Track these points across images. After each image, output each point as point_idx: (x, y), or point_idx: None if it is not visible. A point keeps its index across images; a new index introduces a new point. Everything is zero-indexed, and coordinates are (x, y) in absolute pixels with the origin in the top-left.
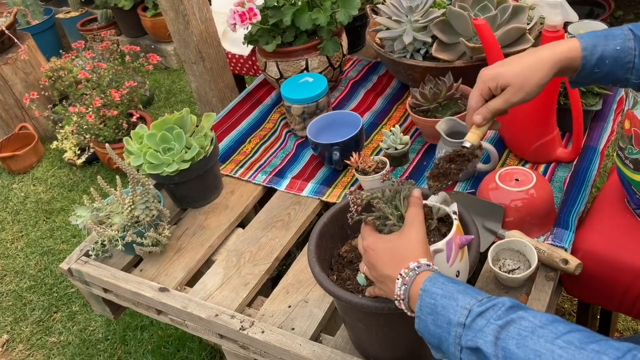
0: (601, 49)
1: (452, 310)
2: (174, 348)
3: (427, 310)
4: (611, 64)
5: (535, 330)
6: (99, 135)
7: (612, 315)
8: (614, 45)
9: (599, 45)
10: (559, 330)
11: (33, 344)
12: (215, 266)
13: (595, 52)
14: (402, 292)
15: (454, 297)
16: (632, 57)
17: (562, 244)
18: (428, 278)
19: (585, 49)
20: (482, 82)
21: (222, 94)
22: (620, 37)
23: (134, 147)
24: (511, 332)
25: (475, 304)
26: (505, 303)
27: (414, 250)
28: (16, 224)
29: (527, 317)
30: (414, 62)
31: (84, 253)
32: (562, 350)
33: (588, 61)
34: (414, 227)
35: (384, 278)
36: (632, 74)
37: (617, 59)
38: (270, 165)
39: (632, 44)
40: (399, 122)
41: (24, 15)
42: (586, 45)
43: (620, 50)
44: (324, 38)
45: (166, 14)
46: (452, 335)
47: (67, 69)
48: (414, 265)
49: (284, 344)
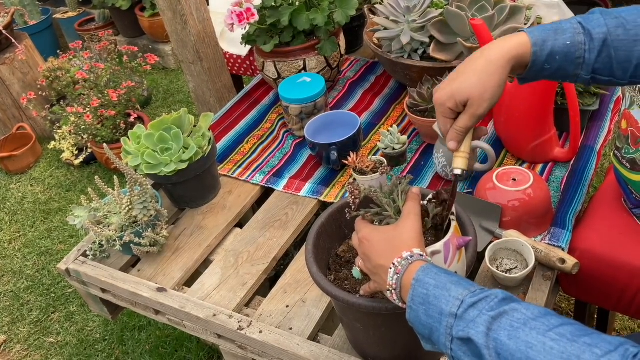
0: (551, 44)
1: (444, 300)
2: (171, 348)
3: (419, 300)
4: (561, 60)
5: (527, 322)
6: (96, 135)
7: (610, 315)
8: (564, 40)
9: (549, 40)
10: (552, 323)
11: (31, 345)
12: (213, 266)
13: (546, 48)
14: (395, 281)
15: (446, 288)
16: (582, 52)
17: (559, 243)
18: (421, 268)
19: (535, 45)
20: (440, 106)
21: (219, 94)
22: (570, 31)
23: (132, 147)
24: (503, 324)
25: (467, 295)
26: (498, 295)
27: (408, 241)
28: (14, 224)
29: (520, 309)
30: (412, 62)
31: (82, 253)
32: (553, 343)
33: (538, 57)
34: (409, 218)
35: (378, 268)
36: (583, 69)
37: (567, 55)
38: (268, 165)
39: (581, 38)
40: (396, 122)
41: (21, 15)
42: (536, 40)
43: (571, 45)
44: (321, 38)
45: (164, 14)
46: (444, 326)
47: (64, 69)
48: (407, 254)
49: (282, 343)
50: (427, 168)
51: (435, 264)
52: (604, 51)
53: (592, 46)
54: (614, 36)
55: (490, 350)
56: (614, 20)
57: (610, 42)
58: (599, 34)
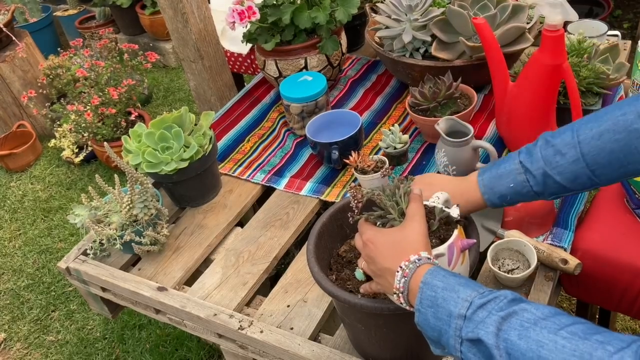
0: (498, 189)
1: (452, 302)
2: (172, 347)
3: (427, 302)
4: (513, 197)
5: (537, 322)
6: (97, 133)
7: (611, 315)
8: (507, 184)
9: (496, 186)
10: (562, 322)
11: (31, 343)
12: (214, 265)
13: (495, 193)
14: (402, 285)
15: (454, 290)
16: (529, 188)
17: (561, 243)
18: (429, 271)
19: (485, 193)
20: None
21: (220, 92)
22: (512, 173)
23: (133, 146)
24: (513, 324)
25: (476, 296)
26: (507, 296)
27: (414, 243)
28: (14, 222)
29: (530, 309)
30: (413, 61)
31: (82, 252)
32: (565, 341)
33: (491, 198)
34: (415, 220)
35: (383, 271)
36: (539, 195)
37: (516, 192)
38: (269, 164)
39: (523, 177)
40: (398, 121)
41: (22, 13)
42: (484, 188)
43: (514, 186)
44: (323, 37)
45: (165, 12)
46: (453, 328)
47: (65, 67)
48: (414, 258)
49: (283, 343)
50: (429, 167)
51: (443, 267)
52: (548, 180)
53: (536, 181)
54: (553, 164)
55: (500, 350)
56: (551, 149)
57: (549, 171)
58: (538, 169)
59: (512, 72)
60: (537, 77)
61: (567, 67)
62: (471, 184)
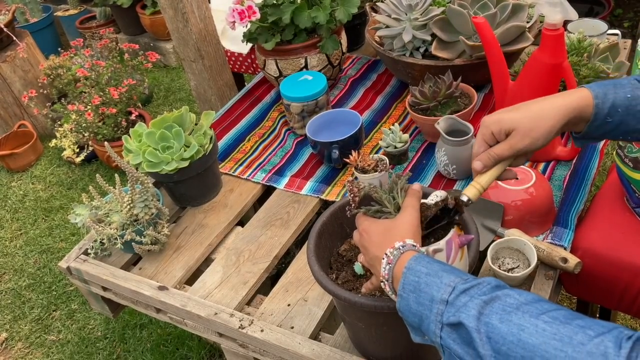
0: (612, 97)
1: (435, 287)
2: (173, 346)
3: (409, 287)
4: (623, 113)
5: (520, 307)
6: (97, 133)
7: (612, 314)
8: (624, 94)
9: (609, 94)
10: (544, 308)
11: (32, 342)
12: (215, 265)
13: (607, 100)
14: (387, 272)
15: (438, 275)
16: None
17: (561, 242)
18: (413, 257)
19: (597, 97)
20: (485, 127)
21: (221, 92)
22: (628, 85)
23: (133, 145)
24: (495, 308)
25: (459, 282)
26: (490, 282)
27: (402, 232)
28: (15, 222)
29: (513, 295)
30: (414, 61)
31: (83, 251)
32: (546, 325)
33: (600, 109)
34: (406, 211)
35: (374, 260)
36: None
37: (628, 107)
38: (269, 164)
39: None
40: (398, 121)
41: (22, 13)
42: (597, 93)
43: (632, 98)
44: (323, 36)
45: (165, 11)
46: (434, 313)
47: (65, 67)
48: (399, 244)
49: (283, 342)
50: (429, 167)
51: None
52: None
53: None
54: None
55: (481, 334)
56: None
57: None
58: None
59: (512, 71)
60: (537, 76)
61: (567, 66)
62: (577, 92)
